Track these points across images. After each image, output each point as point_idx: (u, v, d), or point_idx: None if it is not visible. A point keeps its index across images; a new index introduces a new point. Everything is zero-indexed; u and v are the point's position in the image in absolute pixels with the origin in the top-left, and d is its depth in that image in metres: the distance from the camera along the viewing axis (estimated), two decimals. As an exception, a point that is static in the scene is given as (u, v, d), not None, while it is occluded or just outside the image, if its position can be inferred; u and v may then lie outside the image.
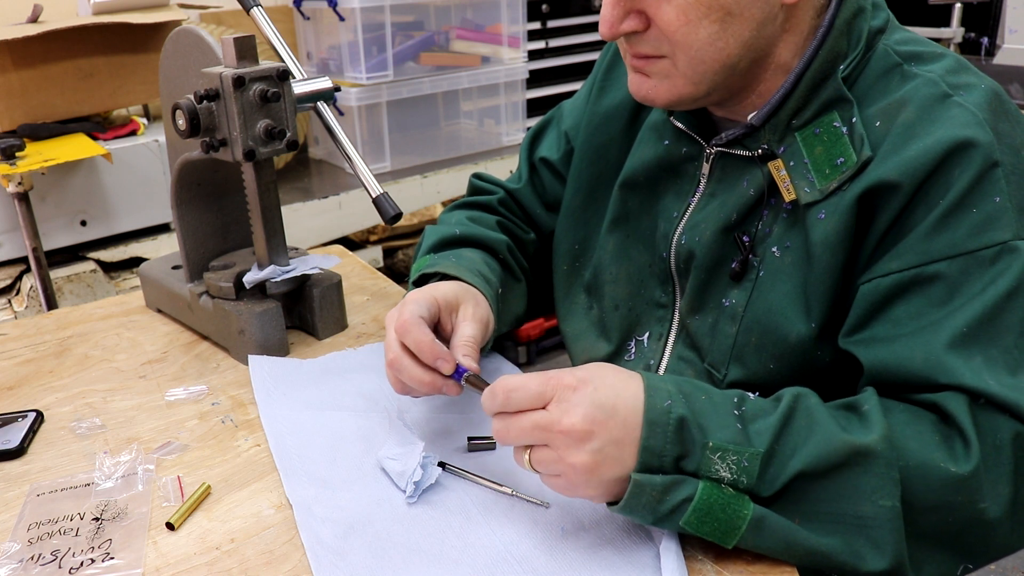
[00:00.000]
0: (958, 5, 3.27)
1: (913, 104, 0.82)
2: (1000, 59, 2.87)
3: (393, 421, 0.90)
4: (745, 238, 0.91)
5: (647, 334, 1.03)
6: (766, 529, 0.71)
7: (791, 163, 0.87)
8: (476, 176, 1.25)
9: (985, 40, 3.32)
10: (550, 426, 0.72)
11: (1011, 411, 0.72)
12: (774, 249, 0.88)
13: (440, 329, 0.93)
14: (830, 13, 0.86)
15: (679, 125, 0.98)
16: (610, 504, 0.75)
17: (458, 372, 0.86)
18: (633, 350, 1.05)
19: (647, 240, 1.03)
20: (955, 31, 3.29)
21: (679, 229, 0.98)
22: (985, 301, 0.75)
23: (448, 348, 0.90)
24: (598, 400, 0.72)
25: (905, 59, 0.86)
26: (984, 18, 3.35)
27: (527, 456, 0.75)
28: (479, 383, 0.83)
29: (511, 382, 0.74)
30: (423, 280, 1.02)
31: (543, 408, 0.73)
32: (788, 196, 0.87)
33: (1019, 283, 0.75)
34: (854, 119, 0.84)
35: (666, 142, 1.00)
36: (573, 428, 0.71)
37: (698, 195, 0.97)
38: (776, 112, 0.87)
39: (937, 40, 3.35)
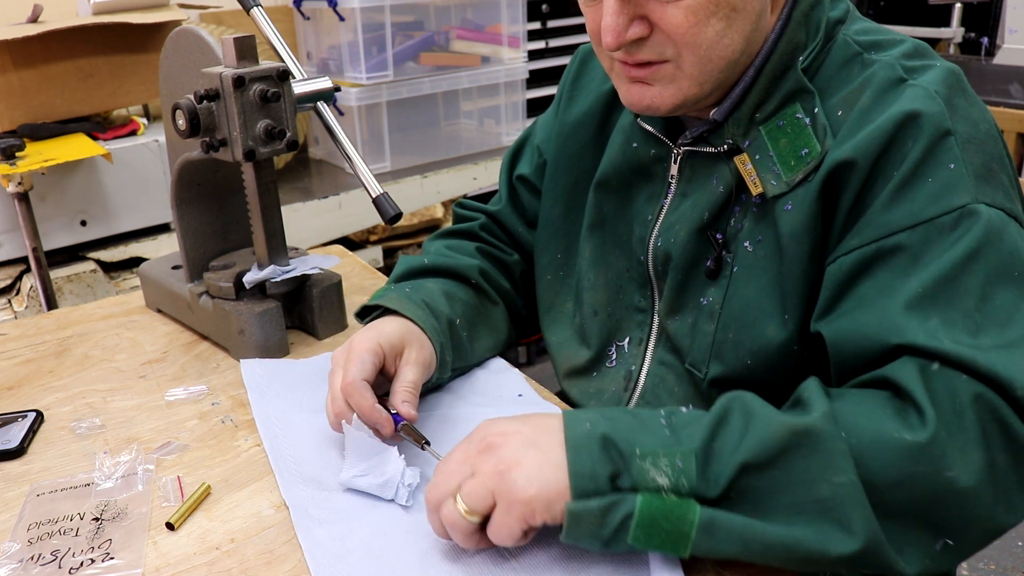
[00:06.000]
0: (958, 5, 3.27)
1: (870, 89, 0.82)
2: (1000, 59, 2.87)
3: (348, 431, 0.87)
4: (718, 235, 0.91)
5: (627, 339, 1.03)
6: (718, 531, 0.67)
7: (757, 156, 0.87)
8: (459, 205, 1.25)
9: (985, 40, 3.32)
10: (469, 454, 0.74)
11: (969, 370, 0.68)
12: (746, 244, 0.89)
13: (385, 371, 0.93)
14: (788, 5, 0.86)
15: (646, 127, 0.98)
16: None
17: (396, 420, 0.88)
18: (614, 356, 1.05)
19: (623, 245, 1.03)
20: (955, 31, 3.29)
21: (654, 232, 0.98)
22: (943, 264, 0.73)
23: (392, 388, 0.92)
24: (515, 423, 0.76)
25: (865, 48, 0.86)
26: (984, 18, 3.35)
27: (458, 499, 0.72)
28: (414, 434, 0.87)
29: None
30: (370, 311, 1.03)
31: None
32: (755, 189, 0.87)
33: (980, 245, 0.73)
34: (816, 110, 0.84)
35: (634, 144, 1.00)
36: (491, 442, 0.74)
37: (670, 196, 0.97)
38: (738, 106, 0.88)
39: (937, 40, 3.35)
